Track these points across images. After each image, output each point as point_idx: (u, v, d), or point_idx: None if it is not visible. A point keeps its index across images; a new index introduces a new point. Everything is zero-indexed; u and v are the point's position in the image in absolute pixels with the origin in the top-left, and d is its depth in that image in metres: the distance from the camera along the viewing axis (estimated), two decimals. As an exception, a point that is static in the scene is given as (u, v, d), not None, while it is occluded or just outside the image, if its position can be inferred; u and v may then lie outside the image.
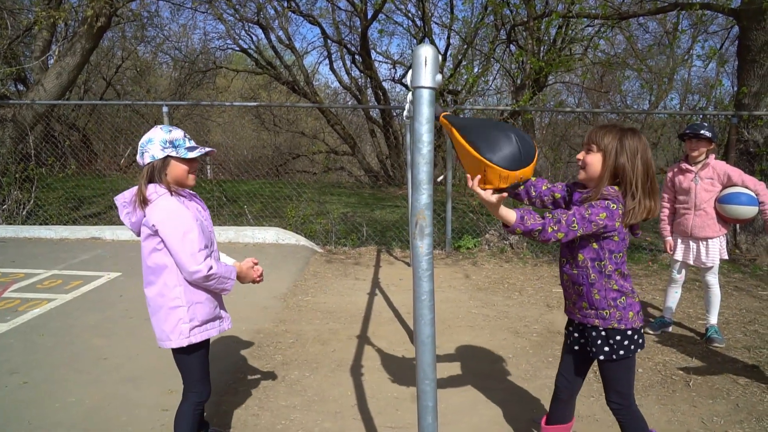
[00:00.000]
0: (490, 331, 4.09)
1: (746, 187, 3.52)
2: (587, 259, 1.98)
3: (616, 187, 1.93)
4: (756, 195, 3.48)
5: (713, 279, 3.81)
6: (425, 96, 1.38)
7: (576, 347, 2.16)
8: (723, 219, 3.64)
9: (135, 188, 2.09)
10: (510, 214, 1.83)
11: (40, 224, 7.26)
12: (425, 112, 1.39)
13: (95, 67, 15.45)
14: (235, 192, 9.33)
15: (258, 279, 2.36)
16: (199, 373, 2.22)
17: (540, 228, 1.82)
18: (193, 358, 2.18)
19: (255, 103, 13.13)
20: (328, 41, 16.24)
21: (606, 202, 1.88)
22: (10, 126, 7.58)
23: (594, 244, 1.95)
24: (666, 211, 3.92)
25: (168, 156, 2.05)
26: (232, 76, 18.80)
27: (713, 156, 3.69)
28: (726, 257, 3.77)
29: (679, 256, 3.84)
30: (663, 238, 3.96)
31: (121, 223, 7.49)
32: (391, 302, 4.73)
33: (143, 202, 2.04)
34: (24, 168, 7.45)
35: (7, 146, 7.50)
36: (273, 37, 15.63)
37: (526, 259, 6.34)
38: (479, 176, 1.76)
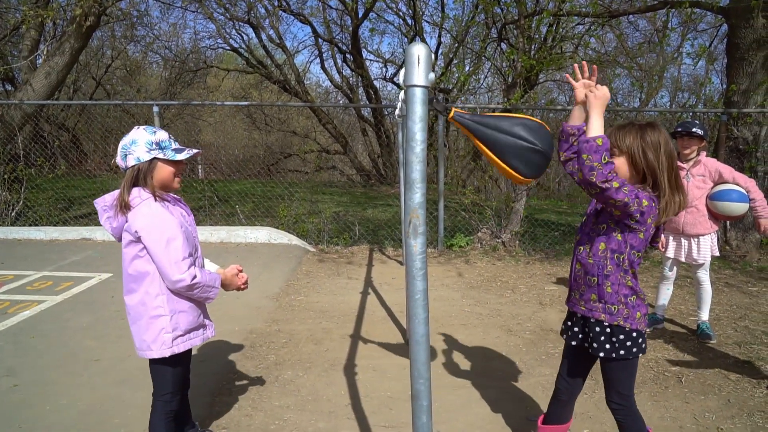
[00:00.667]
0: (483, 330, 4.09)
1: (737, 184, 3.55)
2: (608, 249, 1.91)
3: (648, 189, 1.87)
4: (747, 192, 3.51)
5: (704, 276, 3.84)
6: (418, 94, 1.37)
7: (574, 342, 2.10)
8: (714, 216, 3.67)
9: (116, 192, 1.99)
10: (600, 128, 1.75)
11: (30, 225, 7.19)
12: (418, 110, 1.38)
13: (85, 67, 15.33)
14: (226, 192, 9.29)
15: (243, 286, 2.29)
16: (173, 385, 2.14)
17: (605, 162, 1.70)
18: (171, 369, 2.11)
19: (246, 103, 13.10)
20: (319, 40, 16.22)
21: (648, 194, 1.84)
22: (-2, 126, 7.51)
23: (618, 235, 1.89)
24: (657, 209, 3.93)
25: (155, 158, 1.97)
26: (222, 76, 18.73)
27: (704, 153, 3.72)
28: (717, 254, 3.80)
29: (670, 253, 3.86)
30: (655, 235, 3.98)
31: (112, 224, 7.43)
32: (384, 301, 4.72)
33: (125, 207, 1.95)
34: (13, 169, 7.37)
35: (-5, 147, 7.42)
36: (264, 36, 15.59)
37: (518, 257, 6.36)
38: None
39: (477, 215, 7.11)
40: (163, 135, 2.01)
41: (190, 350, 2.18)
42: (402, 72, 1.42)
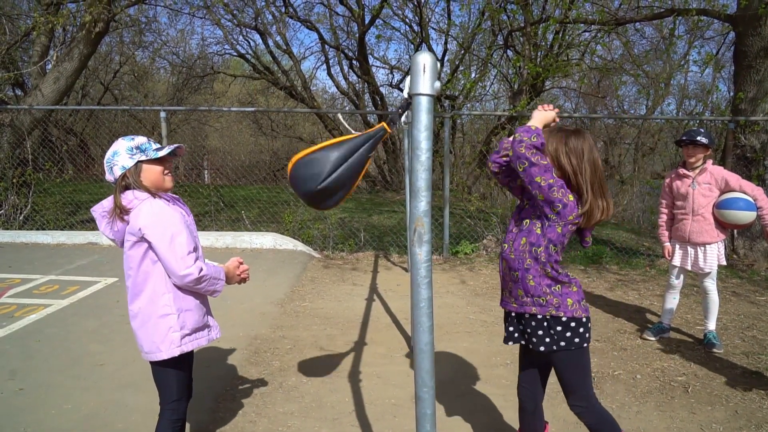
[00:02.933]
0: (487, 337, 4.08)
1: (744, 193, 3.53)
2: (528, 242, 1.97)
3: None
4: (754, 200, 3.49)
5: (711, 284, 3.81)
6: (424, 103, 1.38)
7: (511, 342, 2.10)
8: (721, 224, 3.65)
9: (112, 198, 2.00)
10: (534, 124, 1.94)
11: (37, 229, 7.24)
12: (424, 119, 1.38)
13: (93, 72, 15.46)
14: (232, 197, 9.32)
15: (244, 276, 2.28)
16: (178, 391, 2.12)
17: (527, 132, 1.87)
18: (174, 374, 2.10)
19: (253, 109, 13.17)
20: (326, 46, 16.30)
21: (575, 196, 1.92)
22: (7, 131, 7.57)
23: (538, 228, 1.95)
24: (664, 217, 3.92)
25: (138, 162, 1.98)
26: (229, 81, 18.84)
27: (711, 161, 3.70)
28: (724, 263, 3.77)
29: (677, 261, 3.84)
30: (661, 243, 3.96)
31: (119, 229, 7.47)
32: (389, 308, 4.72)
33: (122, 211, 1.96)
34: (21, 173, 7.43)
35: (4, 151, 7.49)
36: (270, 42, 15.68)
37: (524, 265, 6.34)
38: None
39: (482, 222, 7.10)
40: (141, 139, 2.02)
41: (192, 355, 2.17)
42: (407, 81, 1.43)
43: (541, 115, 1.97)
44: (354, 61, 16.37)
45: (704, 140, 3.57)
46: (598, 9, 7.53)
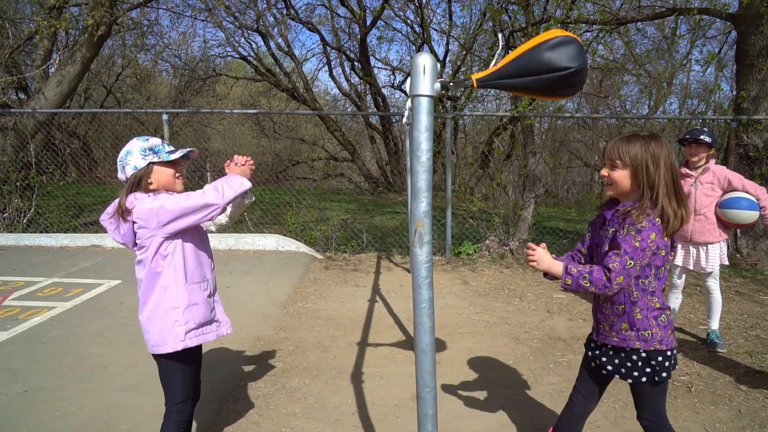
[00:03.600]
0: (490, 338, 4.08)
1: (747, 192, 3.52)
2: None
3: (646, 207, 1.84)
4: (757, 200, 3.48)
5: (714, 284, 3.80)
6: (424, 104, 1.38)
7: (604, 372, 2.00)
8: (724, 224, 3.64)
9: (116, 201, 2.01)
10: (557, 265, 1.87)
11: (41, 232, 7.26)
12: (424, 120, 1.39)
13: (96, 76, 15.51)
14: (235, 199, 9.31)
15: (251, 166, 2.17)
16: (183, 389, 2.11)
17: (587, 274, 1.80)
18: (180, 371, 2.09)
19: (255, 111, 13.18)
20: (328, 48, 16.33)
21: (650, 218, 1.80)
22: (11, 134, 7.60)
23: None
24: (666, 216, 3.91)
25: (150, 163, 1.99)
26: (231, 84, 18.87)
27: (713, 161, 3.69)
28: (726, 263, 3.76)
29: (679, 261, 3.84)
30: (663, 243, 3.95)
31: (122, 231, 7.49)
32: (392, 309, 4.72)
33: (125, 212, 1.97)
34: (25, 176, 7.45)
35: (8, 154, 7.51)
36: (272, 45, 15.72)
37: (526, 265, 6.34)
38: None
39: (485, 223, 7.10)
40: (156, 141, 2.04)
41: (200, 355, 2.18)
42: (408, 81, 1.43)
43: (544, 265, 1.90)
44: (356, 63, 16.39)
45: (707, 139, 3.57)
46: (600, 9, 7.52)
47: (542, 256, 1.91)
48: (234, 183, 1.98)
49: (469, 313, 4.64)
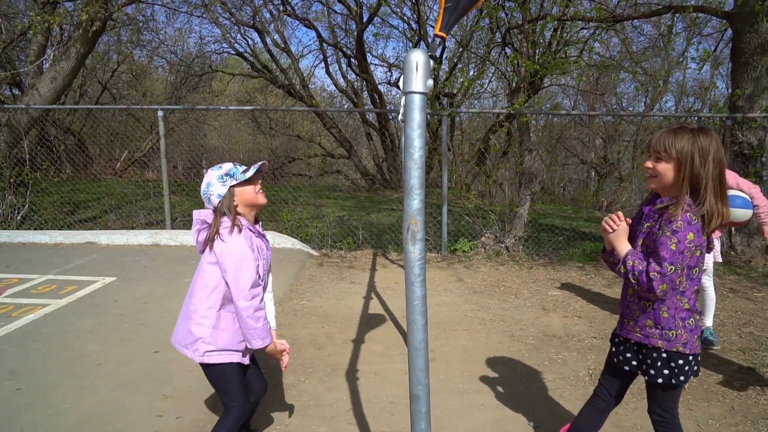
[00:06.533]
0: (485, 335, 4.08)
1: (741, 191, 3.53)
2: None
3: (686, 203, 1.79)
4: (750, 198, 3.49)
5: (708, 281, 3.82)
6: (416, 101, 1.38)
7: (627, 368, 2.00)
8: (717, 221, 3.65)
9: (210, 212, 2.19)
10: (624, 247, 1.88)
11: (35, 229, 7.23)
12: (417, 117, 1.38)
13: (91, 71, 15.42)
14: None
15: (280, 359, 2.39)
16: (233, 387, 2.22)
17: (637, 273, 1.79)
18: (221, 376, 2.21)
19: (251, 107, 13.15)
20: (324, 45, 16.28)
21: (687, 216, 1.75)
22: (4, 130, 7.56)
23: None
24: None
25: (230, 187, 2.15)
26: (228, 80, 18.79)
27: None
28: (720, 260, 3.78)
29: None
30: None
31: (116, 228, 7.47)
32: (387, 306, 4.72)
33: (216, 234, 2.13)
34: (19, 172, 7.42)
35: (1, 151, 7.48)
36: (269, 41, 15.66)
37: (521, 262, 6.35)
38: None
39: (481, 220, 7.11)
40: (228, 165, 2.19)
41: (238, 364, 2.24)
42: (401, 78, 1.42)
43: (617, 237, 1.90)
44: (352, 59, 16.35)
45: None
46: (596, 6, 7.53)
47: (622, 231, 1.90)
48: (258, 333, 2.17)
49: (464, 310, 4.65)
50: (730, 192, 3.53)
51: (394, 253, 6.73)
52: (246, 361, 2.29)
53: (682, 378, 1.86)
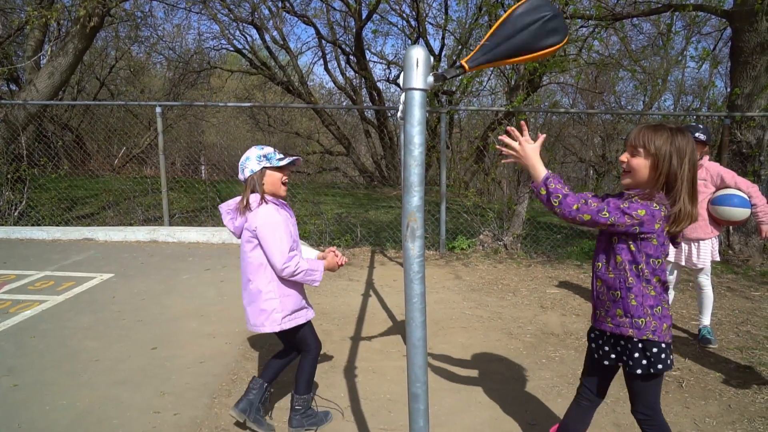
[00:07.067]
0: (483, 332, 4.08)
1: (739, 189, 3.53)
2: (625, 261, 1.86)
3: (657, 196, 1.82)
4: (749, 197, 3.49)
5: (706, 280, 3.82)
6: (416, 98, 1.37)
7: (607, 362, 2.02)
8: (715, 221, 3.65)
9: (237, 198, 2.49)
10: (541, 170, 1.80)
11: (33, 225, 7.21)
12: (417, 114, 1.38)
13: (88, 67, 15.36)
14: (229, 192, 9.28)
15: (341, 263, 2.68)
16: (306, 339, 2.64)
17: (561, 196, 1.75)
18: (298, 334, 2.61)
19: (249, 104, 13.09)
20: (323, 42, 16.23)
21: (648, 201, 1.78)
22: (2, 126, 7.53)
23: (631, 245, 1.84)
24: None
25: (264, 167, 2.44)
26: (226, 77, 18.73)
27: (707, 157, 3.70)
28: (718, 259, 3.78)
29: (671, 257, 3.85)
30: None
31: (114, 224, 7.45)
32: (385, 303, 4.72)
33: (246, 208, 2.44)
34: (16, 168, 7.39)
35: (-1, 146, 7.45)
36: (267, 38, 15.60)
37: (520, 260, 6.35)
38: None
39: (479, 218, 7.10)
40: (268, 149, 2.47)
41: (309, 322, 2.65)
42: (401, 75, 1.42)
43: (529, 157, 1.81)
44: (351, 57, 16.30)
45: (702, 137, 3.57)
46: (596, 4, 7.51)
47: (531, 151, 1.81)
48: (310, 275, 2.49)
49: (462, 308, 4.65)
50: (728, 191, 3.54)
51: (392, 251, 6.73)
52: (312, 313, 2.67)
53: (660, 366, 1.89)
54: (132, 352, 3.56)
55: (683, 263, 3.80)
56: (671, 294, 4.03)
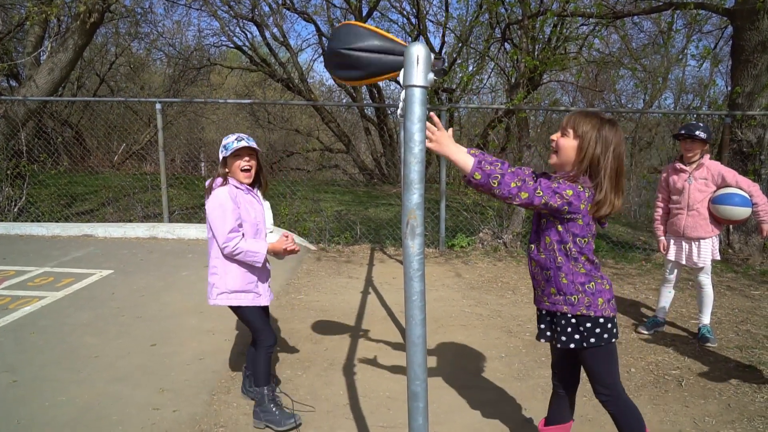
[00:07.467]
0: (483, 330, 4.08)
1: (740, 188, 3.53)
2: (553, 241, 1.94)
3: (582, 179, 1.90)
4: (750, 196, 3.49)
5: (706, 279, 3.82)
6: (417, 95, 1.37)
7: (543, 339, 2.10)
8: (716, 219, 3.65)
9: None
10: (467, 159, 1.75)
11: (32, 221, 7.21)
12: (417, 110, 1.37)
13: (89, 64, 15.34)
14: (228, 189, 9.26)
15: (290, 249, 2.69)
16: (252, 323, 2.68)
17: (499, 176, 1.75)
18: (240, 315, 2.68)
19: (249, 101, 13.07)
20: (323, 38, 16.19)
21: (575, 184, 1.86)
22: (1, 122, 7.52)
23: (559, 226, 1.92)
24: (660, 211, 3.93)
25: (224, 157, 2.57)
26: (226, 73, 18.70)
27: (708, 156, 3.70)
28: (718, 258, 3.78)
29: (671, 256, 3.85)
30: (657, 237, 3.97)
31: (114, 221, 7.45)
32: (384, 301, 4.72)
33: (207, 191, 2.58)
34: (16, 164, 7.38)
35: (-2, 142, 7.44)
36: (267, 34, 15.57)
37: (519, 258, 6.35)
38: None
39: (479, 215, 7.10)
40: (229, 138, 2.57)
41: (257, 306, 2.69)
42: (402, 72, 1.41)
43: (443, 146, 1.76)
44: (351, 54, 16.25)
45: (703, 135, 3.57)
46: (596, 2, 7.50)
47: (445, 139, 1.77)
48: (250, 256, 2.58)
49: (461, 306, 4.65)
50: (729, 190, 3.54)
51: (391, 248, 6.73)
52: (263, 301, 2.71)
53: (593, 340, 1.94)
54: (131, 349, 3.56)
55: (683, 262, 3.80)
56: (671, 293, 4.03)
